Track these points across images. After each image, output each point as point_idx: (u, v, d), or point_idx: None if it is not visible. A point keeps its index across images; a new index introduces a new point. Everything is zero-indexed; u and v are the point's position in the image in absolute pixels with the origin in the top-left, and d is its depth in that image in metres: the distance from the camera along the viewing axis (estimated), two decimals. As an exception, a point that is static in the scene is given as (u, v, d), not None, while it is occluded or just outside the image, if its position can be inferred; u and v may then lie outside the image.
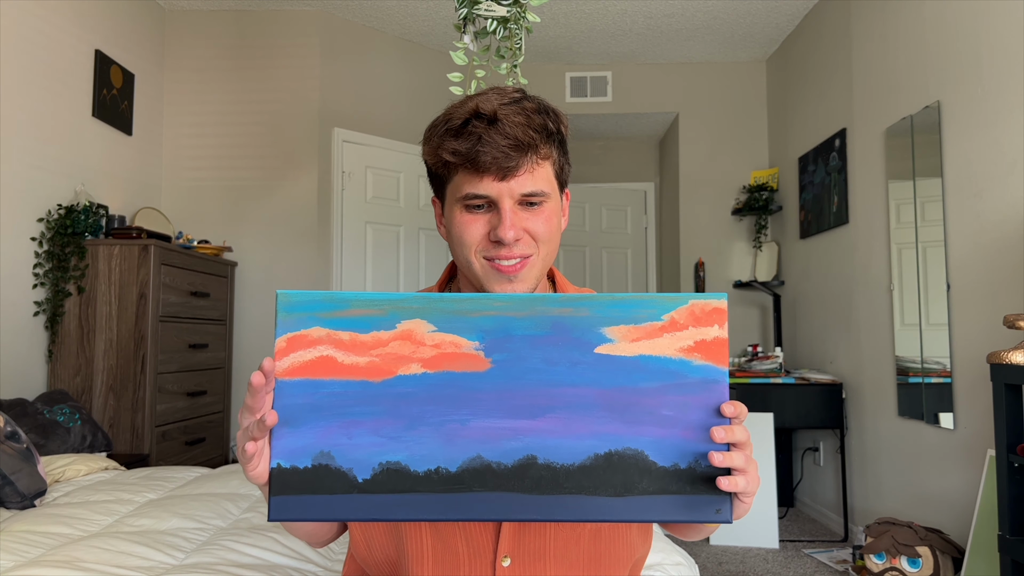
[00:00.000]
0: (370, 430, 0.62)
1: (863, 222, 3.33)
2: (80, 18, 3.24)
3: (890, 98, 3.07)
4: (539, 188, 0.82)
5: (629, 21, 4.12)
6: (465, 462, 0.62)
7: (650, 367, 0.63)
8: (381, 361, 0.63)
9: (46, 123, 3.03)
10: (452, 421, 0.62)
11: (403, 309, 0.63)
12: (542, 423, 0.62)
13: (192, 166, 3.93)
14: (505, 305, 0.64)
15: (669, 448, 0.62)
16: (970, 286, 2.51)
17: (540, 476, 0.62)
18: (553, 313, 0.64)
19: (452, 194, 0.84)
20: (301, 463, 0.61)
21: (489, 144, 0.78)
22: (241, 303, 3.85)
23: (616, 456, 0.62)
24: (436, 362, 0.63)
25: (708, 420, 0.63)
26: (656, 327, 0.64)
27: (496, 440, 0.62)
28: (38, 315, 2.96)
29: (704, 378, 0.63)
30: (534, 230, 0.83)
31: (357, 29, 4.14)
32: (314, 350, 0.62)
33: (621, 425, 0.62)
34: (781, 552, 3.22)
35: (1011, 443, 1.98)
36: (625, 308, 0.64)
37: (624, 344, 0.63)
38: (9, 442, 1.95)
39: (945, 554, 2.44)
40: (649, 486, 0.62)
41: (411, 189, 4.32)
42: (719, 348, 0.63)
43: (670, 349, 0.63)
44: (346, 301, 0.63)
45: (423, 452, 0.62)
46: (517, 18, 1.91)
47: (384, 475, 0.61)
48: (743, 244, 4.63)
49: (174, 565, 1.48)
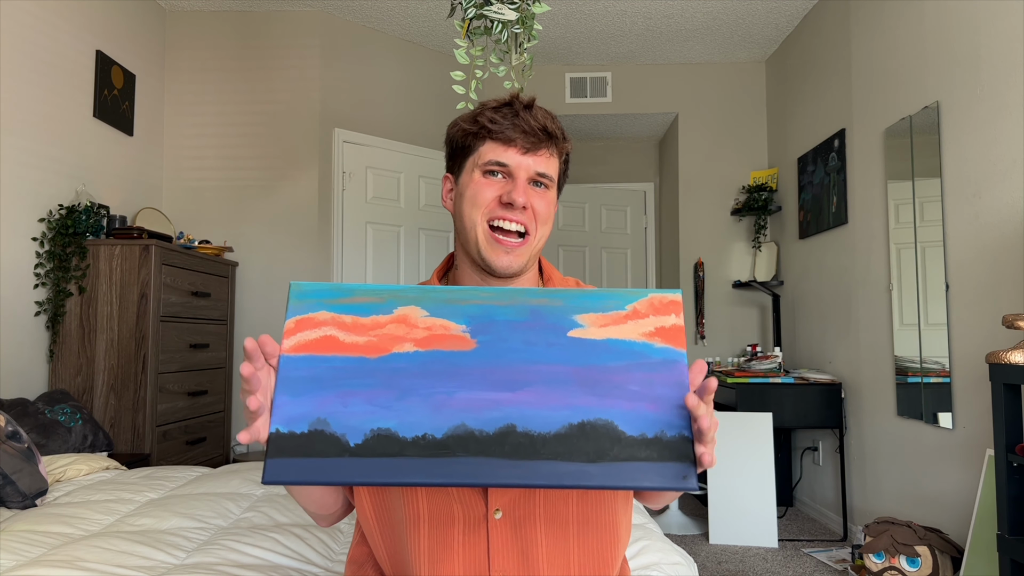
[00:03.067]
0: (364, 400, 0.67)
1: (862, 222, 3.33)
2: (81, 18, 3.25)
3: (889, 98, 3.08)
4: (550, 172, 0.95)
5: (629, 22, 4.12)
6: (450, 429, 0.66)
7: (617, 348, 0.70)
8: (378, 340, 0.69)
9: (47, 123, 3.04)
10: (440, 392, 0.67)
11: (400, 298, 0.71)
12: (521, 395, 0.68)
13: (193, 166, 3.93)
14: (490, 296, 0.72)
15: (636, 419, 0.67)
16: (969, 286, 2.52)
17: (519, 443, 0.66)
18: (531, 303, 0.72)
19: (474, 162, 0.95)
20: (298, 428, 0.65)
21: (524, 121, 0.92)
22: (242, 303, 3.85)
23: (588, 426, 0.67)
24: (427, 342, 0.69)
25: (670, 395, 0.68)
26: (621, 315, 0.71)
27: (479, 410, 0.67)
28: (39, 315, 2.96)
29: (665, 359, 0.70)
30: (537, 207, 0.94)
31: (357, 30, 4.14)
32: (319, 330, 0.69)
33: (593, 398, 0.68)
34: (780, 551, 3.22)
35: (1010, 443, 1.99)
36: (594, 299, 0.72)
37: (593, 329, 0.71)
38: (10, 442, 1.95)
39: (944, 553, 2.45)
40: (619, 453, 0.66)
41: (411, 189, 4.33)
42: (677, 334, 0.71)
43: (634, 333, 0.71)
44: (351, 290, 0.71)
45: (412, 420, 0.66)
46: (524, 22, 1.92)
47: (375, 440, 0.65)
48: (742, 244, 4.64)
49: (175, 565, 1.48)
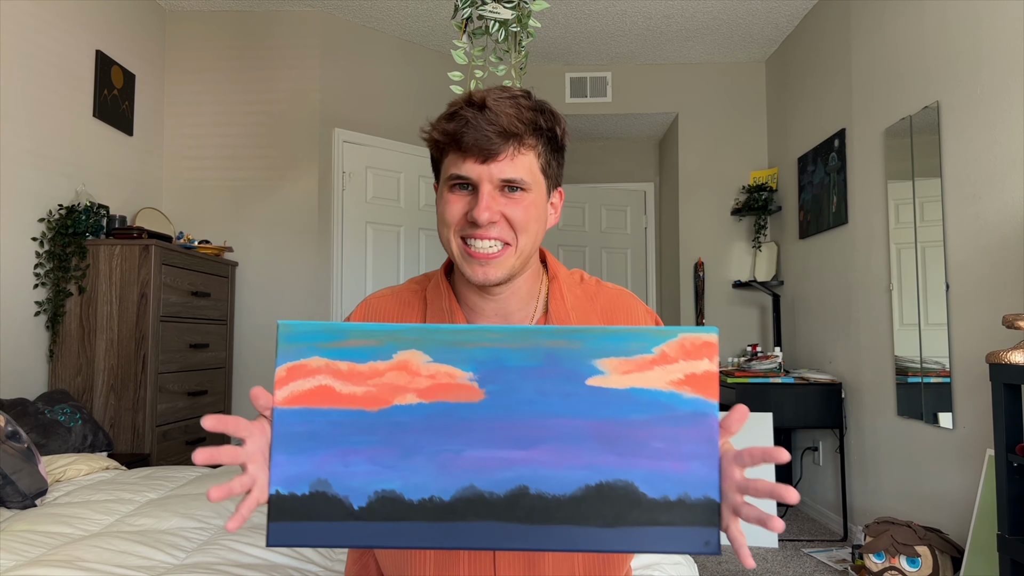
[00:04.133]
0: (366, 458, 0.63)
1: (862, 222, 3.33)
2: (81, 18, 3.25)
3: (889, 98, 3.08)
4: (519, 176, 0.85)
5: (629, 22, 4.12)
6: (459, 491, 0.62)
7: (641, 399, 0.64)
8: (378, 391, 0.64)
9: (47, 123, 3.04)
10: (446, 451, 0.63)
11: (399, 340, 0.64)
12: (534, 453, 0.63)
13: (193, 166, 3.93)
14: (500, 337, 0.65)
15: (659, 480, 0.63)
16: (969, 286, 2.52)
17: (532, 506, 0.62)
18: (546, 345, 0.65)
19: (442, 176, 0.90)
20: (299, 490, 0.62)
21: (474, 128, 0.83)
22: (241, 303, 3.85)
23: (607, 487, 0.63)
24: (431, 392, 0.64)
25: (698, 452, 0.63)
26: (647, 360, 0.64)
27: (489, 470, 0.63)
28: (39, 315, 2.96)
29: (694, 411, 0.63)
30: (512, 216, 0.86)
31: (357, 29, 4.14)
32: (313, 379, 0.64)
33: (612, 456, 0.63)
34: (780, 552, 3.22)
35: (1010, 443, 1.99)
36: (616, 341, 0.65)
37: (615, 376, 0.64)
38: (10, 442, 1.95)
39: (944, 553, 2.45)
40: (639, 517, 0.62)
41: (411, 189, 4.33)
42: (709, 382, 0.64)
43: (660, 382, 0.64)
44: (344, 332, 0.64)
45: (417, 481, 0.63)
46: (520, 21, 1.92)
47: (379, 503, 0.62)
48: (742, 244, 4.64)
49: (175, 565, 1.48)
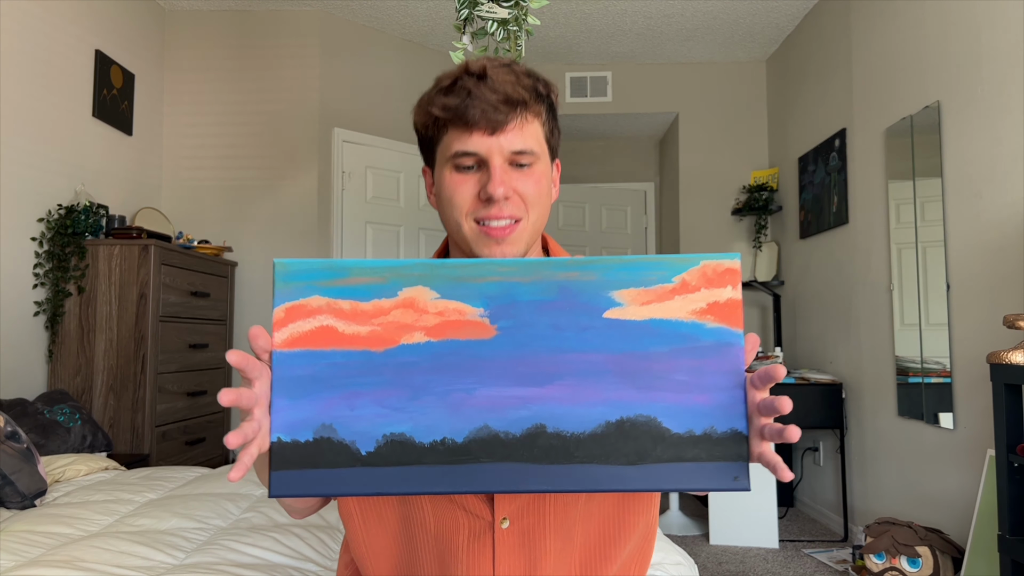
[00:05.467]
0: (373, 401, 0.60)
1: (863, 222, 3.33)
2: (80, 18, 3.24)
3: (890, 98, 3.07)
4: (529, 146, 0.81)
5: (629, 21, 4.12)
6: (472, 432, 0.60)
7: (661, 331, 0.61)
8: (383, 330, 0.61)
9: (46, 123, 3.03)
10: (457, 390, 0.60)
11: (405, 276, 0.61)
12: (551, 390, 0.61)
13: (192, 166, 3.93)
14: (510, 270, 0.62)
15: (683, 414, 0.60)
16: (970, 286, 2.51)
17: (550, 445, 0.60)
18: (559, 277, 0.62)
19: (442, 155, 0.83)
20: (302, 436, 0.59)
21: (479, 98, 0.78)
22: (241, 303, 3.85)
23: (628, 423, 0.60)
24: (440, 330, 0.61)
25: (723, 383, 0.60)
26: (667, 289, 0.61)
27: (503, 409, 0.60)
28: (38, 315, 2.96)
29: (718, 341, 0.61)
30: (524, 191, 0.81)
31: (357, 29, 4.14)
32: (313, 320, 0.61)
33: (633, 391, 0.60)
34: (781, 552, 3.22)
35: (1011, 443, 1.98)
36: (634, 270, 0.61)
37: (634, 308, 0.61)
38: (9, 442, 1.95)
39: (945, 554, 2.44)
40: (663, 453, 0.60)
41: (411, 189, 4.32)
42: (733, 310, 0.61)
43: (682, 312, 0.61)
44: (346, 269, 0.61)
45: (428, 422, 0.60)
46: (518, 20, 1.91)
47: (388, 447, 0.60)
48: (743, 244, 4.63)
49: (174, 565, 1.48)
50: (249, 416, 0.58)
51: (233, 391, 0.56)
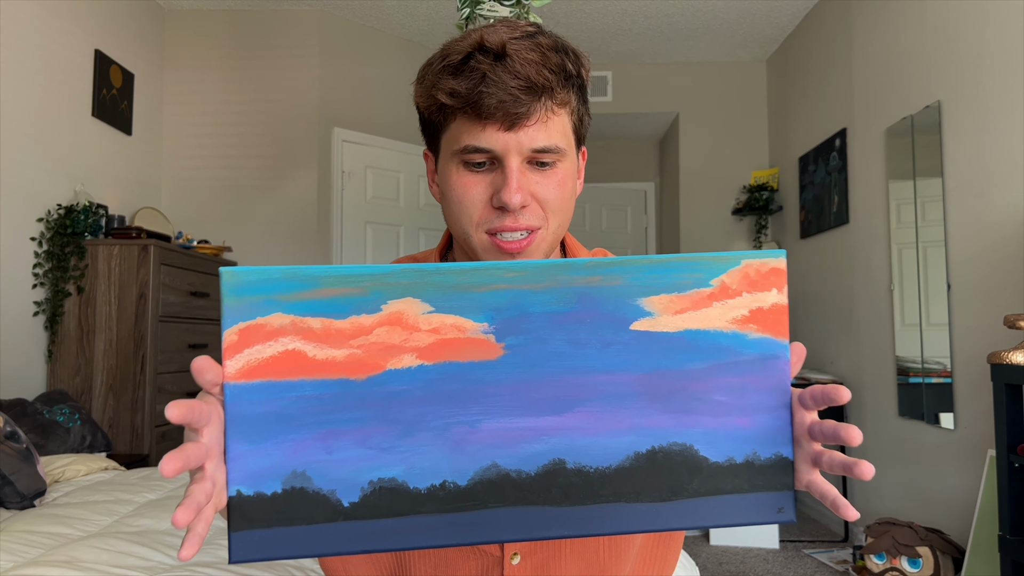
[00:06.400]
0: (355, 441, 0.49)
1: (863, 222, 3.33)
2: (80, 18, 3.24)
3: (890, 98, 3.07)
4: (553, 143, 0.68)
5: (629, 21, 4.12)
6: (477, 473, 0.51)
7: (698, 344, 0.52)
8: (364, 353, 0.50)
9: (46, 123, 3.03)
10: (459, 423, 0.50)
11: (389, 286, 0.50)
12: (570, 419, 0.51)
13: (192, 166, 3.93)
14: (518, 276, 0.51)
15: (723, 439, 0.52)
16: (970, 286, 2.51)
17: (570, 484, 0.51)
18: (578, 283, 0.51)
19: (448, 146, 0.70)
20: (268, 488, 0.48)
21: (495, 84, 0.64)
22: (241, 303, 3.84)
23: (661, 454, 0.52)
24: (435, 351, 0.50)
25: (767, 402, 0.52)
26: (703, 295, 0.52)
27: (514, 443, 0.51)
28: (38, 315, 2.96)
29: (761, 354, 0.52)
30: (544, 197, 0.69)
31: (357, 29, 4.13)
32: (276, 343, 0.49)
33: (666, 416, 0.52)
34: (781, 552, 3.22)
35: (1011, 443, 1.98)
36: (666, 273, 0.51)
37: (666, 317, 0.51)
38: (8, 442, 1.94)
39: (945, 554, 2.44)
40: (701, 486, 0.52)
41: (411, 189, 4.32)
42: (778, 317, 0.52)
43: (721, 321, 0.52)
44: (314, 279, 0.49)
45: (424, 464, 0.50)
46: (520, 18, 1.91)
47: (376, 496, 0.50)
48: (743, 244, 4.63)
49: (174, 565, 1.48)
50: (199, 474, 0.46)
51: (176, 455, 0.43)
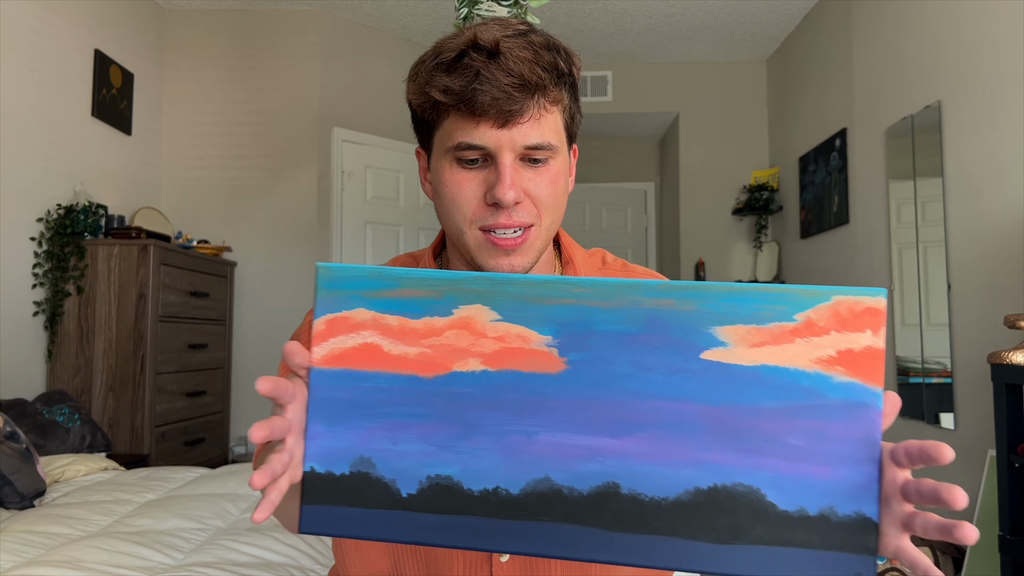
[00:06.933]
0: (418, 436, 0.51)
1: (864, 222, 3.32)
2: (79, 18, 3.24)
3: (891, 98, 3.07)
4: (546, 140, 0.69)
5: (629, 21, 4.11)
6: (530, 484, 0.50)
7: (775, 382, 0.49)
8: (434, 353, 0.52)
9: (46, 123, 3.03)
10: (516, 432, 0.51)
11: (462, 292, 0.51)
12: (629, 443, 0.50)
13: (191, 166, 3.93)
14: (587, 292, 0.51)
15: (795, 488, 0.48)
16: (971, 286, 2.51)
17: (623, 509, 0.49)
18: (648, 305, 0.50)
19: (441, 143, 0.72)
20: (338, 468, 0.51)
21: (488, 81, 0.66)
22: (240, 303, 3.84)
23: (724, 492, 0.49)
24: (499, 358, 0.51)
25: (852, 455, 0.48)
26: (786, 329, 0.49)
27: (569, 460, 0.50)
28: (37, 315, 2.95)
29: (848, 399, 0.48)
30: (536, 194, 0.71)
31: (357, 29, 4.13)
32: (357, 335, 0.52)
33: (732, 454, 0.49)
34: (781, 552, 3.21)
35: (1011, 443, 1.98)
36: (746, 302, 0.49)
37: (741, 350, 0.49)
38: (8, 442, 1.94)
39: (946, 554, 2.44)
40: (765, 534, 0.48)
41: (411, 189, 4.32)
42: (872, 361, 0.48)
43: (803, 359, 0.49)
44: (396, 279, 0.52)
45: (479, 467, 0.51)
46: (518, 19, 1.91)
47: (432, 491, 0.51)
48: (743, 244, 4.63)
49: (173, 565, 1.48)
50: (280, 446, 0.50)
51: (265, 425, 0.47)
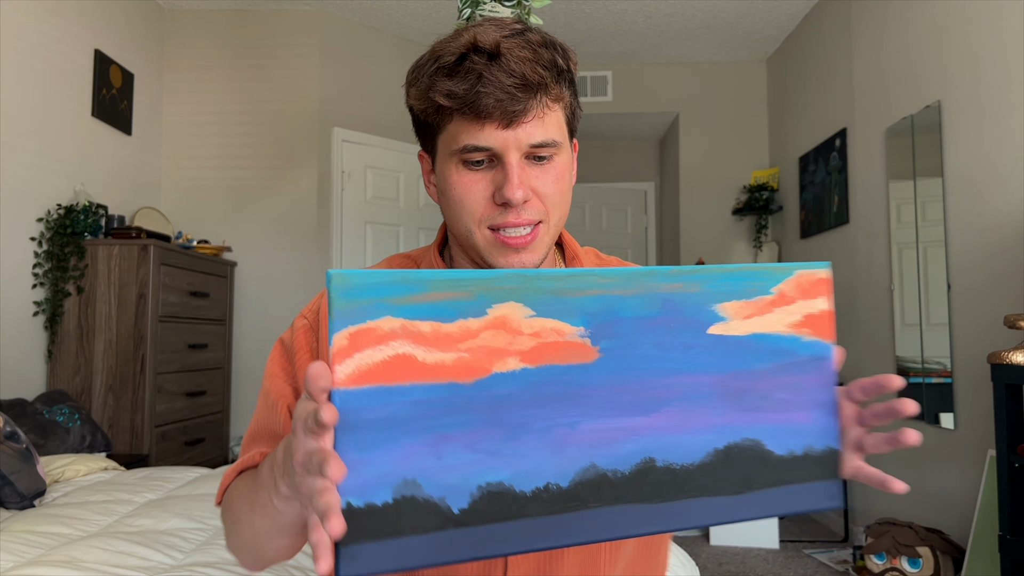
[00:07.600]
0: (464, 445, 0.49)
1: (864, 222, 3.32)
2: (80, 18, 3.24)
3: (890, 98, 3.07)
4: (550, 137, 0.70)
5: (629, 21, 4.12)
6: (578, 474, 0.51)
7: (763, 346, 0.56)
8: (471, 356, 0.49)
9: (46, 123, 3.03)
10: (560, 425, 0.51)
11: (494, 290, 0.50)
12: (658, 419, 0.53)
13: (191, 166, 3.92)
14: (610, 281, 0.53)
15: (785, 434, 0.56)
16: (971, 286, 2.51)
17: (660, 481, 0.53)
18: (663, 289, 0.54)
19: (446, 146, 0.72)
20: (379, 498, 0.47)
21: (491, 83, 0.67)
22: (240, 303, 3.84)
23: (735, 449, 0.55)
24: (537, 354, 0.51)
25: (820, 400, 0.57)
26: (766, 301, 0.56)
27: (610, 444, 0.52)
28: (37, 315, 2.95)
29: (814, 355, 0.57)
30: (543, 190, 0.71)
31: (357, 29, 4.13)
32: (387, 347, 0.47)
33: (738, 414, 0.55)
34: (782, 552, 3.22)
35: (1011, 443, 1.98)
36: (736, 281, 0.56)
37: (737, 322, 0.56)
38: (8, 442, 1.94)
39: (945, 554, 2.44)
40: (768, 478, 0.55)
41: (411, 189, 4.32)
42: (826, 322, 0.58)
43: (780, 325, 0.57)
44: (423, 282, 0.48)
45: (529, 467, 0.50)
46: (522, 19, 1.91)
47: (485, 500, 0.49)
48: (743, 244, 4.63)
49: (173, 565, 1.48)
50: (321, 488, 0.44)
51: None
